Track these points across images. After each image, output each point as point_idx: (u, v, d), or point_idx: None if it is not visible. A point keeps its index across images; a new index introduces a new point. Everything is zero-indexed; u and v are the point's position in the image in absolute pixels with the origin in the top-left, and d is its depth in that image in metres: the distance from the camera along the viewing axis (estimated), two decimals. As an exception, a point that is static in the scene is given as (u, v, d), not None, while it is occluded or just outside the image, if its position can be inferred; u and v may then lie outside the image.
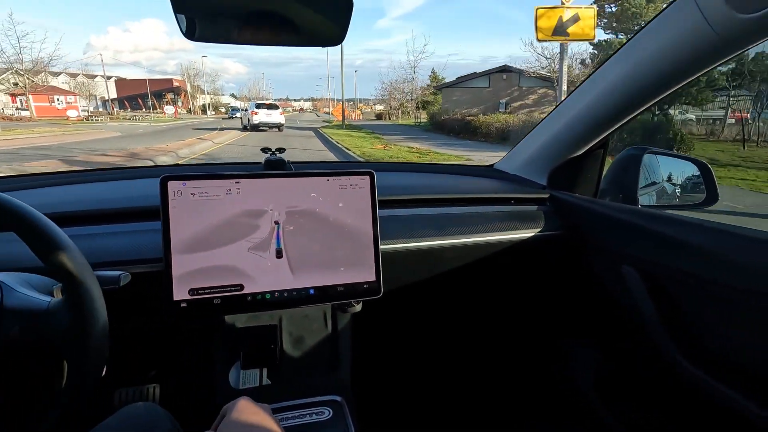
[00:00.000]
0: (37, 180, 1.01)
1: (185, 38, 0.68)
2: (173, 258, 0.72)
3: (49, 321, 0.50)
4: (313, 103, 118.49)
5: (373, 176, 0.84)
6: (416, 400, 1.36)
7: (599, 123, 0.99)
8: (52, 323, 0.50)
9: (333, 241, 0.81)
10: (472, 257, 1.03)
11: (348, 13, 0.67)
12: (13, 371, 0.50)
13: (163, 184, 0.72)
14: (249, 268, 0.76)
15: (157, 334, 1.05)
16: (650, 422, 1.01)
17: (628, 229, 0.92)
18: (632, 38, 0.84)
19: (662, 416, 0.99)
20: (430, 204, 1.06)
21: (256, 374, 0.93)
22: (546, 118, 1.14)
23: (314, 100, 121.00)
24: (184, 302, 0.72)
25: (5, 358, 0.48)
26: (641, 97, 0.88)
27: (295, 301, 0.79)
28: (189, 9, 0.66)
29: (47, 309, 0.51)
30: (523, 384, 1.39)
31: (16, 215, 0.48)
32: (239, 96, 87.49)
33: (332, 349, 0.99)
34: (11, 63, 27.64)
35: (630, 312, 0.94)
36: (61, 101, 37.07)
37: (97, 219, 0.84)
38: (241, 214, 0.76)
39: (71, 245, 0.51)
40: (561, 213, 1.11)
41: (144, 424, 0.61)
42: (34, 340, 0.49)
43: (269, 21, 0.68)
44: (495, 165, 1.37)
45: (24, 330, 0.48)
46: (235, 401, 0.56)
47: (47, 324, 0.49)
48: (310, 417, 0.87)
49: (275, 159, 0.93)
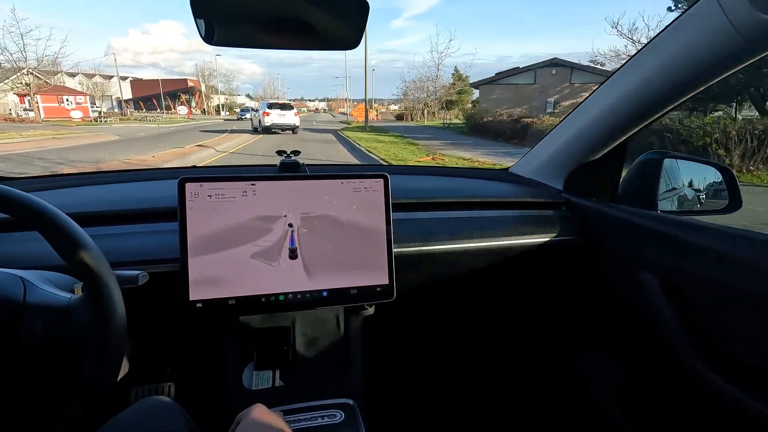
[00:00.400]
0: (57, 181, 1.04)
1: (204, 42, 0.69)
2: (190, 258, 0.73)
3: (69, 317, 0.51)
4: (327, 104, 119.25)
5: (387, 179, 0.84)
6: (428, 404, 1.35)
7: (618, 126, 0.97)
8: (73, 320, 0.51)
9: (346, 244, 0.81)
10: (486, 261, 1.02)
11: (364, 16, 0.67)
12: (35, 367, 0.51)
13: (180, 185, 0.73)
14: (263, 269, 0.77)
15: (173, 333, 1.06)
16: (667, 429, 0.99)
17: (647, 235, 0.90)
18: (653, 40, 0.82)
19: (679, 422, 0.96)
20: (443, 207, 1.06)
21: (269, 375, 0.93)
22: (563, 121, 1.12)
23: (329, 101, 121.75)
24: (200, 302, 0.73)
25: (27, 354, 0.49)
26: (662, 100, 0.86)
27: (309, 303, 0.79)
28: (208, 14, 0.67)
29: (68, 305, 0.52)
30: (536, 389, 1.37)
31: (41, 215, 0.49)
32: (254, 96, 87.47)
33: (344, 352, 0.99)
34: (15, 61, 26.66)
35: (647, 318, 0.92)
36: (70, 102, 35.16)
37: (116, 219, 0.85)
38: (256, 215, 0.76)
39: (92, 245, 0.52)
40: (577, 218, 1.09)
41: (158, 418, 0.62)
42: (55, 337, 0.50)
43: (286, 25, 0.68)
44: (510, 168, 1.36)
45: (46, 326, 0.50)
46: (250, 408, 0.57)
47: (68, 320, 0.51)
48: (321, 419, 0.87)
49: (290, 161, 0.94)
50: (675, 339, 0.84)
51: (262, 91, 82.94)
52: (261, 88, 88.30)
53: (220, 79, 65.29)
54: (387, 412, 1.14)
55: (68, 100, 34.83)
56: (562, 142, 1.12)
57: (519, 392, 1.38)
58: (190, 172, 0.94)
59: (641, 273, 0.90)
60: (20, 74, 28.21)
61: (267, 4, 0.66)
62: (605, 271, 1.04)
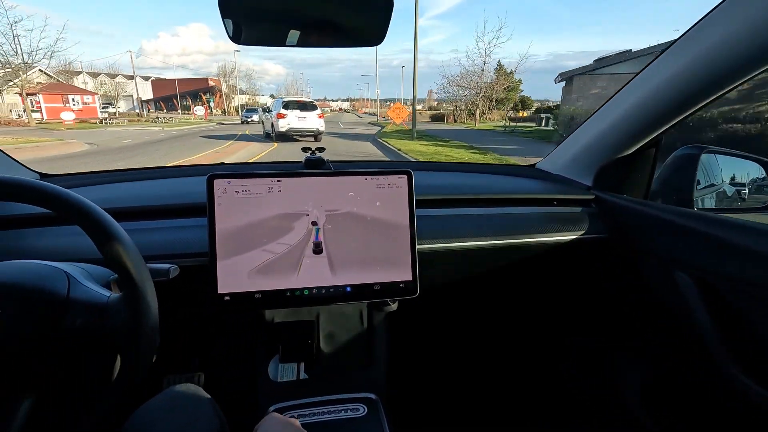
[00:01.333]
0: (94, 177, 1.09)
1: (231, 41, 0.71)
2: (218, 253, 0.75)
3: (107, 315, 0.53)
4: (351, 104, 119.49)
5: (410, 175, 0.84)
6: (451, 400, 1.34)
7: (652, 120, 0.93)
8: (110, 317, 0.53)
9: (370, 240, 0.81)
10: (511, 259, 1.00)
11: (388, 12, 0.67)
12: (72, 361, 0.54)
13: (209, 181, 0.75)
14: (288, 264, 0.78)
15: (203, 325, 1.10)
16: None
17: (683, 234, 0.86)
18: (692, 28, 0.78)
19: (713, 430, 0.93)
20: (468, 204, 1.04)
21: (294, 368, 0.95)
22: (593, 116, 1.09)
23: (352, 100, 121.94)
24: (228, 295, 0.75)
25: (67, 347, 0.52)
26: (700, 92, 0.82)
27: (332, 298, 0.80)
28: (235, 14, 0.69)
29: (106, 303, 0.54)
30: (560, 390, 1.34)
31: (81, 211, 0.52)
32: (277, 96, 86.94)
33: (368, 347, 1.00)
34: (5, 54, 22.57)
35: (681, 320, 0.88)
36: (76, 102, 31.66)
37: (149, 215, 0.89)
38: (281, 211, 0.78)
39: (127, 239, 0.54)
40: (607, 215, 1.06)
41: (188, 405, 0.64)
42: (93, 331, 0.52)
43: (311, 23, 0.69)
44: (537, 164, 1.33)
45: (85, 322, 0.52)
46: (264, 419, 0.58)
47: (104, 318, 0.53)
48: (345, 413, 0.88)
49: (315, 158, 0.95)
50: (711, 344, 0.80)
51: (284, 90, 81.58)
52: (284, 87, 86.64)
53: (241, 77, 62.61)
54: (410, 407, 1.14)
55: (74, 100, 31.67)
56: (592, 136, 1.09)
57: (543, 392, 1.36)
58: (218, 169, 0.97)
59: (676, 273, 0.86)
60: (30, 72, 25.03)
61: (292, 3, 0.67)
62: (637, 270, 1.00)
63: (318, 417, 0.86)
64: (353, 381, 0.96)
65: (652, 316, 1.02)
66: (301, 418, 0.86)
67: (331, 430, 0.85)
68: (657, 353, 1.06)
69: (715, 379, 0.82)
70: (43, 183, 0.51)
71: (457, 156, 11.24)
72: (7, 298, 0.49)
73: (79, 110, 31.02)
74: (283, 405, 0.89)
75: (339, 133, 20.42)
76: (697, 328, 0.82)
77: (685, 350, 0.94)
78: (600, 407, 1.23)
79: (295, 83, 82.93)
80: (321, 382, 0.95)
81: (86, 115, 31.57)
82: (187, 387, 0.68)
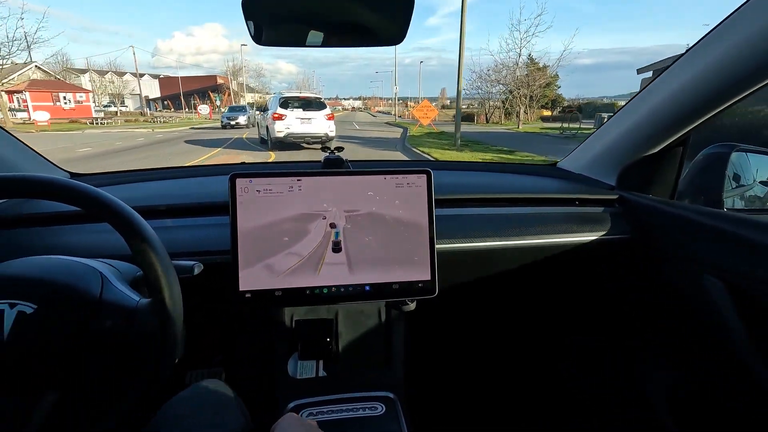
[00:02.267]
0: (122, 177, 1.12)
1: (254, 42, 0.72)
2: (240, 250, 0.76)
3: (135, 320, 0.54)
4: (363, 102, 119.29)
5: (430, 175, 0.83)
6: (469, 401, 1.34)
7: (680, 117, 0.90)
8: (138, 323, 0.54)
9: (389, 239, 0.81)
10: (532, 259, 0.99)
11: (409, 11, 0.67)
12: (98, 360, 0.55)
13: (232, 180, 0.77)
14: (308, 262, 0.79)
15: (225, 321, 1.12)
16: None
17: (712, 236, 0.83)
18: (725, 20, 0.76)
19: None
20: (488, 203, 1.03)
21: (313, 365, 0.96)
22: (617, 113, 1.06)
23: (364, 99, 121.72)
24: (249, 293, 0.77)
25: (93, 347, 0.53)
26: (732, 88, 0.79)
27: (351, 296, 0.81)
28: (258, 16, 0.70)
29: (135, 308, 0.55)
30: (580, 392, 1.32)
31: (111, 209, 0.54)
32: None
33: (386, 346, 1.00)
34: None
35: (710, 326, 0.85)
36: (68, 100, 29.19)
37: (174, 213, 0.91)
38: (301, 210, 0.79)
39: (154, 236, 0.56)
40: (631, 215, 1.03)
41: (215, 400, 0.66)
42: (120, 335, 0.54)
43: (332, 24, 0.70)
44: (558, 164, 1.31)
45: (114, 324, 0.53)
46: (282, 418, 0.58)
47: (133, 323, 0.54)
48: (363, 411, 0.88)
49: (334, 158, 0.96)
50: (743, 351, 0.77)
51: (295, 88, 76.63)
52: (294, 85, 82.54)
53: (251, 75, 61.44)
54: (427, 407, 1.14)
55: (66, 98, 29.12)
56: (616, 135, 1.06)
57: (563, 394, 1.34)
58: (240, 168, 0.99)
59: (705, 277, 0.83)
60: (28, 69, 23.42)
61: (314, 5, 0.68)
62: (662, 273, 0.97)
63: (336, 415, 0.87)
64: (371, 380, 0.96)
65: (678, 320, 0.99)
66: (320, 416, 0.86)
67: (349, 428, 0.85)
68: (684, 359, 1.03)
69: (747, 387, 0.79)
70: (77, 182, 0.53)
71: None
72: (39, 293, 0.50)
73: (71, 109, 28.95)
74: (302, 402, 0.90)
75: (356, 136, 16.53)
76: (727, 334, 0.79)
77: (715, 357, 0.91)
78: (622, 411, 1.20)
79: (307, 81, 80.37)
80: (339, 380, 0.95)
81: (79, 114, 29.23)
82: (212, 383, 0.70)
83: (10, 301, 0.48)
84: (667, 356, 1.07)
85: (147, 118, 31.20)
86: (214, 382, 0.71)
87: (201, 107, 33.89)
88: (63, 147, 13.78)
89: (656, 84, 0.93)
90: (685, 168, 1.04)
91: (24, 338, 0.48)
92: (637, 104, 0.99)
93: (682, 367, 1.04)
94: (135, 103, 48.03)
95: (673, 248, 0.93)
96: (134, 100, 48.64)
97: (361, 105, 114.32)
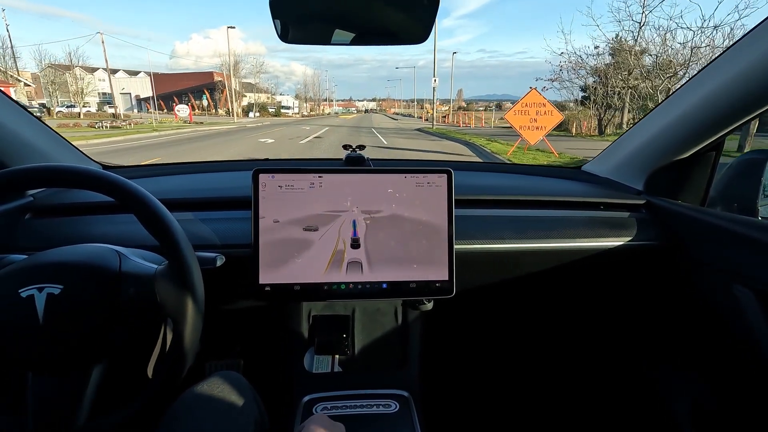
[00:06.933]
0: (151, 170, 1.16)
1: (281, 40, 0.74)
2: (261, 245, 0.78)
3: (156, 284, 0.57)
4: (377, 103, 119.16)
5: (450, 174, 0.83)
6: (484, 403, 1.32)
7: (714, 121, 0.86)
8: (160, 286, 0.57)
9: (408, 238, 0.81)
10: (553, 263, 0.97)
11: (434, 10, 0.67)
12: (135, 327, 0.58)
13: (255, 175, 0.78)
14: (327, 258, 0.80)
15: (244, 313, 1.15)
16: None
17: (745, 244, 0.80)
18: (765, 21, 0.72)
19: None
20: (510, 205, 1.02)
21: (329, 361, 0.97)
22: (647, 116, 1.03)
23: (378, 101, 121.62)
24: (268, 286, 0.78)
25: (127, 315, 0.56)
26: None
27: (368, 293, 0.81)
28: (285, 14, 0.72)
29: (154, 274, 0.58)
30: (598, 398, 1.29)
31: (139, 200, 0.56)
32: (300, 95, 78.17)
33: (402, 345, 1.00)
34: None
35: (740, 337, 0.82)
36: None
37: (199, 206, 0.94)
38: (322, 206, 0.80)
39: (179, 228, 0.58)
40: (659, 221, 1.00)
41: (232, 390, 0.68)
42: (146, 299, 0.57)
43: (358, 23, 0.70)
44: (583, 167, 1.28)
45: (138, 292, 0.57)
46: (311, 417, 0.60)
47: (155, 287, 0.57)
48: (377, 408, 0.89)
49: (355, 155, 0.97)
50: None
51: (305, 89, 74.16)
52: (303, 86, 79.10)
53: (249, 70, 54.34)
54: (441, 407, 1.14)
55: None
56: (645, 139, 1.03)
57: (579, 401, 1.31)
58: (263, 164, 1.01)
59: (735, 287, 0.80)
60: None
61: (341, 4, 0.69)
62: (691, 281, 0.94)
63: (350, 410, 0.88)
64: (386, 377, 0.96)
65: (706, 330, 0.95)
66: (333, 410, 0.87)
67: (362, 424, 0.86)
68: (710, 370, 0.99)
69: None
70: (110, 173, 0.56)
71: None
72: (63, 274, 0.54)
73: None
74: (316, 396, 0.92)
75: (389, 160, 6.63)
76: (758, 346, 0.76)
77: (743, 369, 0.87)
78: (643, 421, 1.17)
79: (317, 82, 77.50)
80: (354, 376, 0.96)
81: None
82: (229, 375, 0.72)
83: (38, 286, 0.52)
84: (692, 367, 1.04)
85: (91, 123, 22.47)
86: (231, 374, 0.73)
87: (179, 107, 27.43)
88: None
89: (689, 85, 0.90)
90: (717, 174, 1.00)
91: (57, 318, 0.52)
92: (667, 107, 0.96)
93: (708, 379, 1.00)
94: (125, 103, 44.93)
95: (703, 256, 0.90)
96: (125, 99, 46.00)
97: (375, 106, 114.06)
